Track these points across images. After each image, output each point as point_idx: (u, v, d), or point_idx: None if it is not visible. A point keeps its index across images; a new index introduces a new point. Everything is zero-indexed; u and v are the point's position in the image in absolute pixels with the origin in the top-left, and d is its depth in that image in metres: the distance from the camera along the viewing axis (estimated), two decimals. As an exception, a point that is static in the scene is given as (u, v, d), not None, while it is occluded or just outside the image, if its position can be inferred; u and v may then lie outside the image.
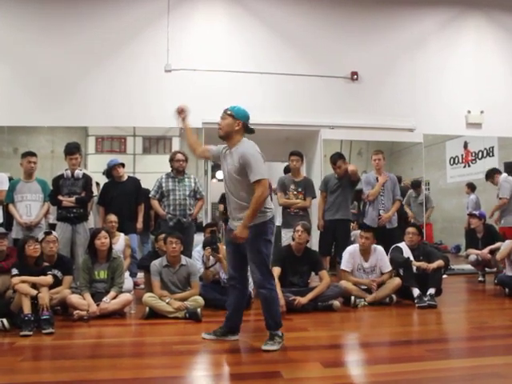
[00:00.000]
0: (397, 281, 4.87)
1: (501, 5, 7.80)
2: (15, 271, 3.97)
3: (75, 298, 4.26)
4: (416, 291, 4.75)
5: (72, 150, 5.25)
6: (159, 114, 6.81)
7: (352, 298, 4.74)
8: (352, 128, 7.25)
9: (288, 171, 6.32)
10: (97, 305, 4.22)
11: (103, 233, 4.54)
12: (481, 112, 7.64)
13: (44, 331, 3.68)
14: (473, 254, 6.13)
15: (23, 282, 3.89)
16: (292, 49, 7.22)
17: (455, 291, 5.78)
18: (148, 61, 6.91)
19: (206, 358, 3.28)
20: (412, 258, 5.01)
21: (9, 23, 6.71)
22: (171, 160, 5.52)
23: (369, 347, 3.50)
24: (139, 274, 5.62)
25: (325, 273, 4.72)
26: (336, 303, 4.62)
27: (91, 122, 6.90)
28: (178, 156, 5.49)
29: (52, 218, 5.55)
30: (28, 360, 3.20)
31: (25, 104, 6.61)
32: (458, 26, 7.75)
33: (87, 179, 5.30)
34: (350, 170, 5.50)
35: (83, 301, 4.25)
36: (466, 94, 7.66)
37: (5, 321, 3.79)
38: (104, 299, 4.27)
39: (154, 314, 4.23)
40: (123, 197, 5.64)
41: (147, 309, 4.27)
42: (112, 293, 4.35)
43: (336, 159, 5.64)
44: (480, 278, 6.25)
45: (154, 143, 7.59)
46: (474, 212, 6.54)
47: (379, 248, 5.04)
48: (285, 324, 3.49)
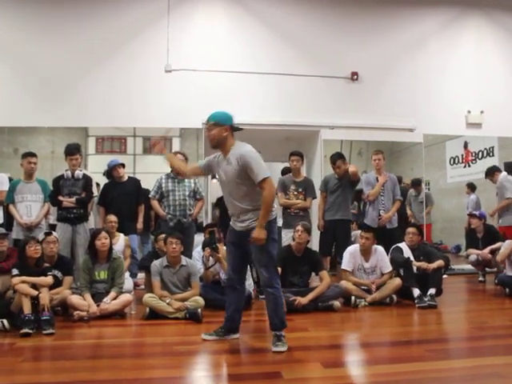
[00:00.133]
0: (397, 281, 4.87)
1: (501, 5, 7.80)
2: (15, 271, 3.97)
3: (75, 299, 4.26)
4: (416, 291, 4.75)
5: (72, 151, 5.25)
6: (159, 115, 6.83)
7: (352, 299, 4.74)
8: (352, 128, 7.25)
9: (285, 173, 6.31)
10: (97, 305, 4.22)
11: (103, 233, 4.54)
12: (481, 112, 7.63)
13: (44, 332, 3.68)
14: (473, 254, 6.13)
15: (23, 283, 3.89)
16: (292, 49, 7.22)
17: (455, 291, 5.77)
18: (148, 61, 6.90)
19: (207, 359, 3.28)
20: (412, 258, 5.01)
21: (9, 23, 6.71)
22: None
23: (369, 347, 3.50)
24: (139, 275, 5.62)
25: (325, 273, 4.73)
26: (336, 303, 4.62)
27: (91, 123, 6.90)
28: (178, 156, 5.48)
29: (52, 219, 5.55)
30: (28, 361, 3.20)
31: (25, 104, 6.61)
32: (459, 27, 7.75)
33: (87, 180, 5.30)
34: (351, 171, 5.50)
35: (83, 301, 4.25)
36: (466, 94, 7.66)
37: (5, 321, 3.79)
38: (104, 300, 4.27)
39: (155, 315, 4.23)
40: (123, 197, 5.64)
41: (147, 309, 4.27)
42: (112, 293, 4.35)
43: (336, 159, 5.63)
44: (480, 278, 6.25)
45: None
46: (474, 212, 6.54)
47: (380, 248, 5.04)
48: (285, 324, 3.49)
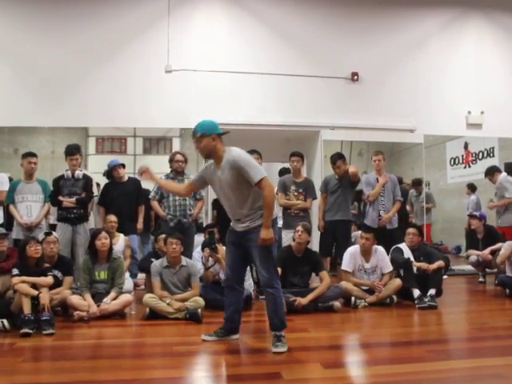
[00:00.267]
0: (397, 281, 4.86)
1: (501, 5, 7.80)
2: (16, 271, 3.97)
3: (75, 299, 4.26)
4: (416, 292, 4.75)
5: (72, 151, 5.26)
6: (159, 115, 6.83)
7: (352, 299, 4.73)
8: (352, 129, 7.25)
9: (283, 173, 6.31)
10: (97, 305, 4.22)
11: (103, 233, 4.53)
12: (481, 113, 7.63)
13: (44, 332, 3.68)
14: (473, 255, 6.13)
15: (23, 283, 3.89)
16: (292, 49, 7.22)
17: (456, 292, 5.77)
18: (148, 61, 6.90)
19: (207, 359, 3.28)
20: (412, 259, 5.01)
21: (9, 23, 6.70)
22: (170, 161, 5.53)
23: (369, 348, 3.50)
24: (139, 275, 5.61)
25: (325, 273, 4.72)
26: (336, 304, 4.61)
27: (91, 123, 6.90)
28: (177, 157, 5.49)
29: (52, 219, 5.55)
30: (28, 361, 3.20)
31: (25, 104, 6.61)
32: (459, 27, 7.75)
33: (87, 180, 5.31)
34: (351, 172, 5.50)
35: (83, 301, 4.25)
36: (467, 95, 7.66)
37: (5, 321, 3.79)
38: (104, 300, 4.27)
39: (155, 315, 4.23)
40: (123, 197, 5.64)
41: (147, 309, 4.26)
42: (112, 293, 4.35)
43: (336, 159, 5.63)
44: (480, 279, 6.25)
45: (155, 144, 7.60)
46: (475, 213, 6.54)
47: (380, 249, 5.03)
48: (285, 325, 3.49)
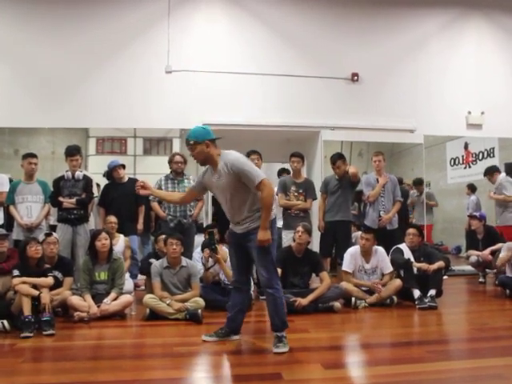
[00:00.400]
0: (397, 282, 4.86)
1: (500, 6, 7.80)
2: (16, 272, 3.97)
3: (76, 300, 4.26)
4: (417, 292, 4.75)
5: (72, 152, 5.26)
6: (160, 116, 6.83)
7: (353, 300, 4.73)
8: (352, 129, 7.24)
9: (281, 173, 6.31)
10: (97, 306, 4.22)
11: (104, 234, 4.54)
12: (481, 113, 7.63)
13: (45, 333, 3.68)
14: (473, 256, 6.13)
15: (24, 284, 3.89)
16: (292, 50, 7.22)
17: (456, 292, 5.77)
18: (149, 62, 6.90)
19: (207, 360, 3.28)
20: (413, 259, 5.01)
21: (9, 23, 6.70)
22: (170, 162, 5.54)
23: (369, 348, 3.50)
24: (140, 276, 5.61)
25: (325, 274, 4.72)
26: (337, 304, 4.61)
27: (92, 124, 6.90)
28: (177, 158, 5.49)
29: (52, 220, 5.55)
30: (29, 361, 3.20)
31: (25, 105, 6.61)
32: (459, 27, 7.75)
33: (88, 180, 5.30)
34: (351, 172, 5.50)
35: (84, 302, 4.25)
36: (467, 95, 7.65)
37: (5, 322, 3.79)
38: (104, 300, 4.27)
39: (155, 316, 4.23)
40: (124, 198, 5.64)
41: (148, 310, 4.26)
42: (112, 294, 4.35)
43: (336, 159, 5.64)
44: (480, 279, 6.25)
45: (155, 144, 7.60)
46: (475, 213, 6.55)
47: (380, 249, 5.03)
48: (286, 325, 3.48)
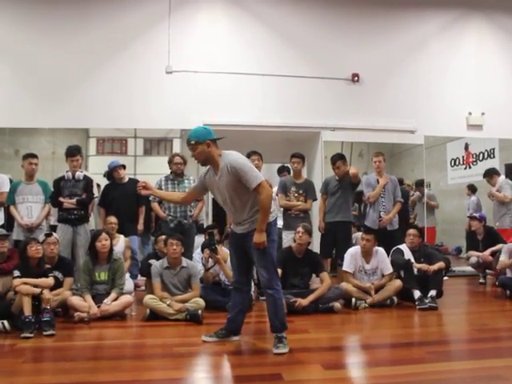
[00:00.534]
0: (398, 283, 4.86)
1: (501, 6, 7.79)
2: (17, 273, 3.98)
3: (76, 300, 4.26)
4: (417, 293, 4.75)
5: (73, 152, 5.26)
6: (160, 116, 6.83)
7: (353, 300, 4.73)
8: (353, 130, 7.24)
9: (281, 171, 6.33)
10: (97, 306, 4.22)
11: (104, 235, 4.54)
12: (482, 114, 7.62)
13: (45, 333, 3.69)
14: (474, 256, 6.13)
15: (24, 284, 3.89)
16: (293, 50, 7.21)
17: (456, 293, 5.77)
18: (149, 62, 6.89)
19: (207, 360, 3.28)
20: (413, 260, 5.01)
21: (9, 23, 6.70)
22: (169, 162, 5.55)
23: (370, 349, 3.50)
24: (140, 276, 5.61)
25: (325, 275, 4.72)
26: (337, 305, 4.61)
27: (92, 124, 6.90)
28: (176, 159, 5.49)
29: (53, 220, 5.55)
30: (29, 362, 3.20)
31: (26, 105, 6.60)
32: (460, 28, 7.74)
33: (88, 181, 5.30)
34: (351, 173, 5.50)
35: (84, 302, 4.25)
36: (467, 96, 7.65)
37: (6, 322, 3.79)
38: (105, 301, 4.27)
39: (155, 316, 4.23)
40: (124, 198, 5.64)
41: (148, 310, 4.26)
42: (113, 294, 4.35)
43: (336, 160, 5.64)
44: (481, 280, 6.25)
45: (155, 145, 7.60)
46: (475, 214, 6.54)
47: (381, 250, 5.03)
48: (286, 326, 3.48)
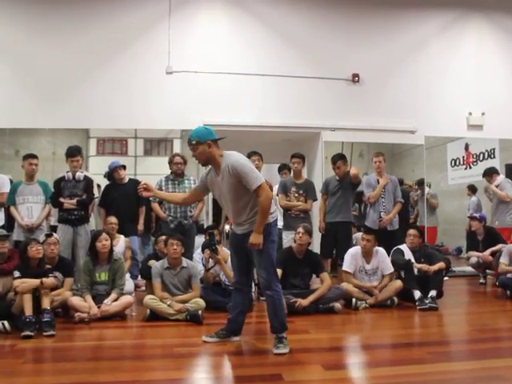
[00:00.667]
0: (398, 283, 4.86)
1: (501, 6, 7.80)
2: (17, 274, 3.97)
3: (76, 300, 4.26)
4: (417, 293, 4.74)
5: (73, 152, 5.26)
6: (160, 116, 6.83)
7: (353, 301, 4.73)
8: (353, 130, 7.24)
9: (282, 169, 6.33)
10: (98, 307, 4.22)
11: (104, 235, 4.54)
12: (482, 114, 7.63)
13: (45, 333, 3.68)
14: (474, 257, 6.13)
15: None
16: (293, 50, 7.21)
17: (456, 293, 5.77)
18: (149, 63, 6.90)
19: (207, 361, 3.28)
20: (413, 260, 5.01)
21: (9, 23, 6.70)
22: (170, 163, 5.55)
23: (370, 349, 3.50)
24: (140, 277, 5.61)
25: (326, 275, 4.72)
26: (337, 305, 4.61)
27: (92, 124, 6.90)
28: (176, 159, 5.50)
29: (53, 220, 5.55)
30: (29, 362, 3.20)
31: (26, 106, 6.61)
32: (460, 28, 7.74)
33: (88, 181, 5.30)
34: (352, 174, 5.50)
35: (84, 303, 4.25)
36: (468, 96, 7.65)
37: (6, 323, 3.79)
38: (105, 301, 4.27)
39: (155, 316, 4.23)
40: (124, 199, 5.64)
41: (148, 311, 4.26)
42: (113, 295, 4.35)
43: (336, 160, 5.64)
44: (481, 280, 6.25)
45: (156, 145, 7.59)
46: (475, 214, 6.54)
47: (381, 250, 5.03)
48: (286, 326, 3.48)
